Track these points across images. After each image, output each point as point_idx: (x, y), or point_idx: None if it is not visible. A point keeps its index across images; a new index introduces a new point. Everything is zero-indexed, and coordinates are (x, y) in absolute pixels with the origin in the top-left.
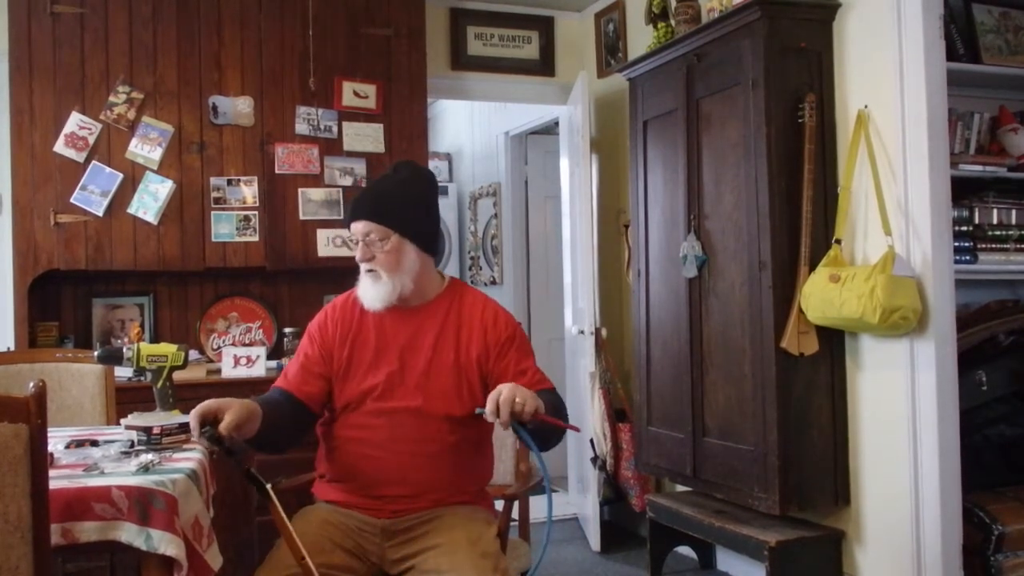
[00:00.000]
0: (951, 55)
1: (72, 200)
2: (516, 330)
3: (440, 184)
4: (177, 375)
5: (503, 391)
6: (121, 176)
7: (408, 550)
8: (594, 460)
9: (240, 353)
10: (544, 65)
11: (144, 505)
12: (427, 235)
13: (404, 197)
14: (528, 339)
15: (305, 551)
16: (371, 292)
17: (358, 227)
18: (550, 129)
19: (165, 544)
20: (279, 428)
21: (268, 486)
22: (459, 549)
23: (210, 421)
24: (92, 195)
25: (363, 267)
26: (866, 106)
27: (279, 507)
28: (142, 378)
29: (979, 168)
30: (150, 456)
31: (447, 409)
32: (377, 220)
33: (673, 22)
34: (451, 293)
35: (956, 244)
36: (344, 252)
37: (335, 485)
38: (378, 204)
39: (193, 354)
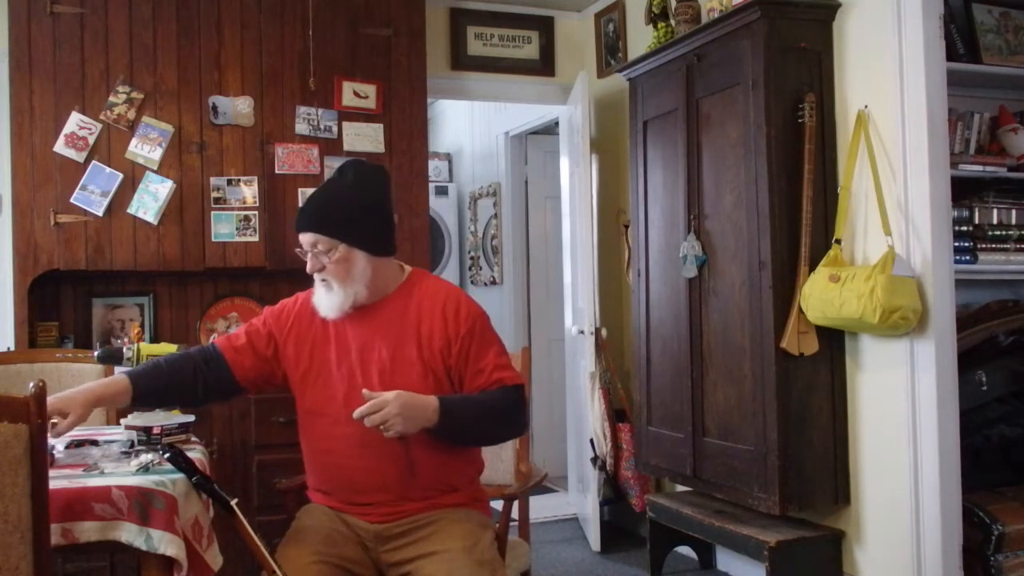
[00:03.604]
0: (951, 55)
1: (72, 200)
2: (476, 323)
3: (440, 184)
4: None
5: (388, 407)
6: (121, 176)
7: (404, 555)
8: (594, 460)
9: None
10: (544, 65)
11: (144, 505)
12: (377, 238)
13: (350, 203)
14: (490, 327)
15: (277, 566)
16: (325, 301)
17: (305, 239)
18: (550, 129)
19: (165, 544)
20: (168, 388)
21: (233, 502)
22: (456, 557)
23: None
24: (92, 195)
25: (316, 277)
26: (866, 106)
27: (246, 523)
28: None
29: (979, 168)
30: (150, 456)
31: None
32: (322, 231)
33: (673, 22)
34: (410, 285)
35: (956, 244)
36: None
37: (323, 494)
38: (323, 214)
39: None
